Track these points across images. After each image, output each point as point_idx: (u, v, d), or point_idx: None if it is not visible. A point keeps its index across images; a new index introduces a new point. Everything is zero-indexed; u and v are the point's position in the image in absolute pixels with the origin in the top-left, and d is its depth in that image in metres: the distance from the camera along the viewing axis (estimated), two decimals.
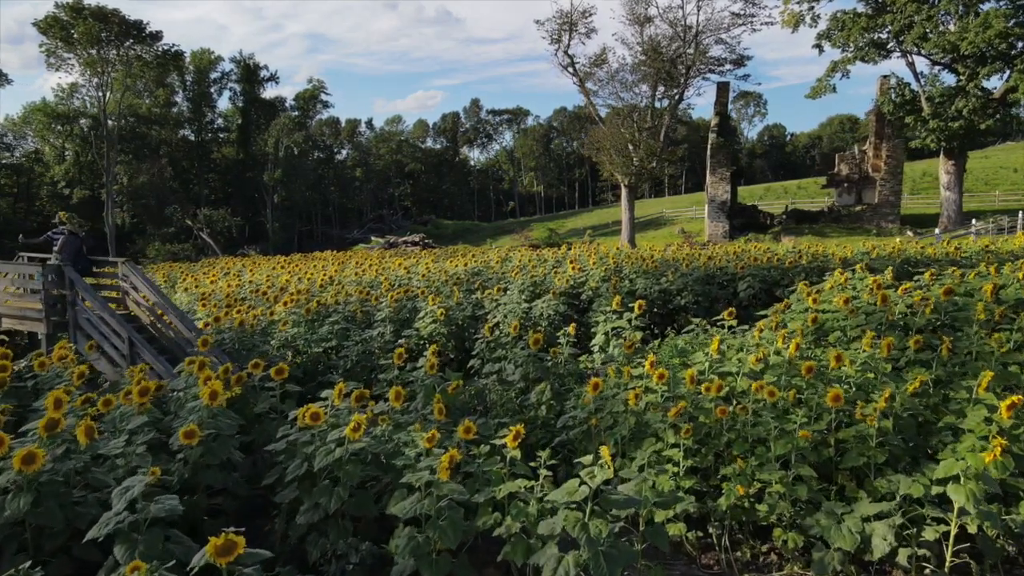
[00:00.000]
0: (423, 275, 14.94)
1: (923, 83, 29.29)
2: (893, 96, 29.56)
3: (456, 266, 16.14)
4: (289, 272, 16.33)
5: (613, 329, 9.22)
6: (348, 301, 12.46)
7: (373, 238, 57.30)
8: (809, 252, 14.03)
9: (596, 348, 9.40)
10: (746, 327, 8.14)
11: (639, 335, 8.84)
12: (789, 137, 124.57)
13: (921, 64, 29.80)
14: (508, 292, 12.44)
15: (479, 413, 7.46)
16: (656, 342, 9.13)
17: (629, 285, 12.71)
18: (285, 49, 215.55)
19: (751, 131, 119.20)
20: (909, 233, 29.36)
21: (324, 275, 15.26)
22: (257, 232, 74.10)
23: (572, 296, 12.93)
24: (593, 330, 10.86)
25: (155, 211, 62.49)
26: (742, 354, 6.30)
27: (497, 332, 11.18)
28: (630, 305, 8.79)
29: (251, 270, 17.87)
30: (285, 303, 10.90)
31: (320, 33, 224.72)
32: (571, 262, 14.73)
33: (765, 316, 12.71)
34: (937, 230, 26.27)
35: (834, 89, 30.44)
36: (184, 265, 25.71)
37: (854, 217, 34.96)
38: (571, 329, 8.22)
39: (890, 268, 9.07)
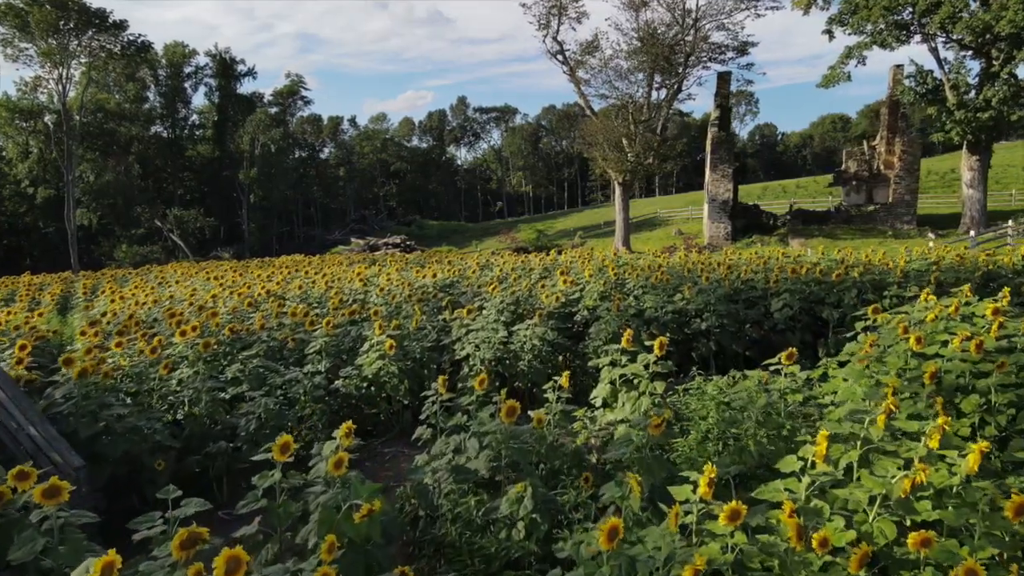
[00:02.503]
0: (383, 288, 12.21)
1: (947, 70, 26.81)
2: (914, 85, 27.07)
3: (423, 277, 13.42)
4: (222, 284, 13.50)
5: (622, 377, 6.55)
6: (281, 325, 9.74)
7: (353, 240, 54.34)
8: (859, 262, 11.43)
9: (598, 402, 6.75)
10: (806, 374, 5.61)
11: (661, 387, 6.21)
12: (780, 137, 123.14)
13: (943, 50, 27.36)
14: (484, 312, 9.76)
15: (423, 522, 4.80)
16: (679, 391, 6.49)
17: (635, 304, 10.08)
18: (276, 49, 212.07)
19: (742, 130, 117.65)
20: (931, 235, 26.90)
21: (262, 288, 12.49)
22: (234, 233, 70.89)
23: (563, 318, 10.26)
24: (590, 363, 8.23)
25: (122, 211, 59.08)
26: (849, 450, 3.71)
27: (464, 370, 8.55)
28: (648, 344, 6.17)
29: (178, 280, 15.00)
30: (184, 332, 8.15)
31: (311, 33, 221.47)
32: (562, 274, 12.07)
33: (807, 344, 9.93)
34: (972, 232, 23.82)
35: (848, 77, 27.95)
36: (119, 271, 22.75)
37: (866, 218, 32.49)
38: (564, 380, 5.55)
39: (1007, 288, 6.48)
